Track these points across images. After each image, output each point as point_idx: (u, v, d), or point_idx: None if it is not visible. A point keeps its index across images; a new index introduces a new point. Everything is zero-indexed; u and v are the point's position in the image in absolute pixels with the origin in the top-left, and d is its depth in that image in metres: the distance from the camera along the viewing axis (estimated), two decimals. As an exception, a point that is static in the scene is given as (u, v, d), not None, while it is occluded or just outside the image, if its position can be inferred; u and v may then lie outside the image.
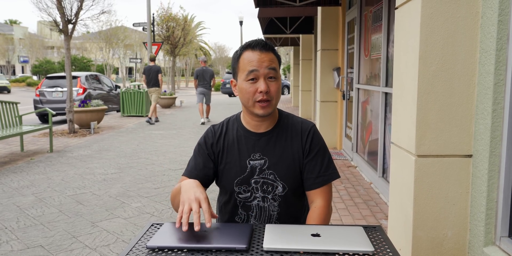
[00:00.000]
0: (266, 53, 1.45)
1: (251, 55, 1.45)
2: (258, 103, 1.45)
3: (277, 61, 1.48)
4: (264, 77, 1.43)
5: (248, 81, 1.44)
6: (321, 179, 1.52)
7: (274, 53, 1.48)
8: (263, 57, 1.44)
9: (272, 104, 1.46)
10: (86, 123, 9.37)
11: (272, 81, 1.45)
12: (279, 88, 1.47)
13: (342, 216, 3.61)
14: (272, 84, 1.45)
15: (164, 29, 18.29)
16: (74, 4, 8.17)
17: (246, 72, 1.44)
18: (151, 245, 1.21)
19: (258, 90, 1.43)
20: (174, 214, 3.75)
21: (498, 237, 1.97)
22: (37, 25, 52.21)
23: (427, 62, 2.09)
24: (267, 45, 1.47)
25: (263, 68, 1.43)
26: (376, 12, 4.65)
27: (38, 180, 5.00)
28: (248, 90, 1.44)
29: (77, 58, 36.94)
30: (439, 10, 2.06)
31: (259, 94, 1.43)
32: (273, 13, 9.37)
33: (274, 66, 1.45)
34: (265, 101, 1.44)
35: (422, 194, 2.16)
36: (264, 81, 1.43)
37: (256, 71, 1.43)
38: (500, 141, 1.93)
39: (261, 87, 1.42)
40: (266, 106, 1.45)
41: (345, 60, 6.40)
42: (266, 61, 1.44)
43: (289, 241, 1.22)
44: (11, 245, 3.10)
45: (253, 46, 1.46)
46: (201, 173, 1.55)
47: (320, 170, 1.52)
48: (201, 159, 1.57)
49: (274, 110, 1.52)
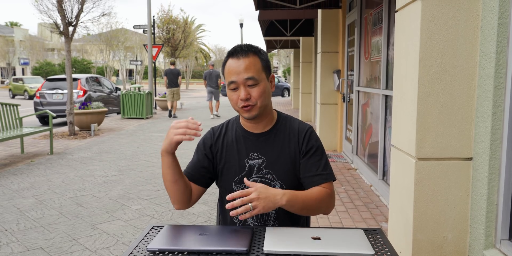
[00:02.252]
0: (244, 59, 1.48)
1: (231, 64, 1.50)
2: (241, 108, 1.50)
3: (258, 65, 1.50)
4: (244, 85, 1.48)
5: (230, 90, 1.51)
6: (319, 177, 1.52)
7: (257, 55, 1.51)
8: (240, 65, 1.48)
9: (256, 107, 1.50)
10: (86, 125, 9.38)
11: (253, 87, 1.49)
12: (263, 91, 1.50)
13: (342, 219, 3.60)
14: (253, 90, 1.49)
15: (165, 32, 18.33)
16: (74, 6, 8.19)
17: (228, 82, 1.51)
18: (151, 248, 1.21)
19: (239, 98, 1.48)
20: (174, 216, 3.75)
21: (498, 240, 1.97)
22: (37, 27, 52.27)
23: (427, 65, 2.10)
24: (245, 50, 1.50)
25: (241, 78, 1.48)
26: (376, 15, 4.66)
27: (38, 182, 5.00)
28: (231, 97, 1.52)
29: (78, 60, 36.96)
30: (439, 13, 2.06)
31: (241, 101, 1.49)
32: (273, 16, 9.38)
33: (251, 74, 1.47)
34: (248, 106, 1.49)
35: (422, 197, 2.16)
36: (244, 89, 1.48)
37: (234, 82, 1.48)
38: (500, 144, 1.94)
39: (241, 95, 1.48)
40: (249, 109, 1.50)
41: (345, 62, 6.41)
42: (243, 70, 1.47)
43: (289, 244, 1.22)
44: (11, 247, 3.10)
45: (232, 54, 1.51)
46: (197, 173, 1.59)
47: (318, 169, 1.53)
48: (198, 159, 1.61)
49: (263, 112, 1.54)
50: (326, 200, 1.49)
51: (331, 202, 1.53)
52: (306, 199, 1.43)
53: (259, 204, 1.30)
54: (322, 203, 1.49)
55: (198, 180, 1.58)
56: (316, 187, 1.51)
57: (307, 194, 1.45)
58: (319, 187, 1.51)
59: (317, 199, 1.46)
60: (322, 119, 6.92)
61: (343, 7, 6.38)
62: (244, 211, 1.29)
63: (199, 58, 50.15)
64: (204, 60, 52.65)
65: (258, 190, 1.32)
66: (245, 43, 1.58)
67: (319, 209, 1.50)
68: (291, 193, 1.39)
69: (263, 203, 1.31)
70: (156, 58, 16.01)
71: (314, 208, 1.47)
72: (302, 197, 1.42)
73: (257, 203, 1.30)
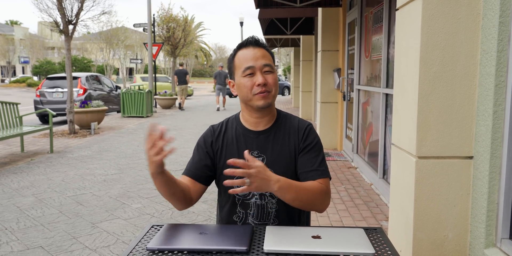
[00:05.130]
0: (258, 49, 1.52)
1: (245, 53, 1.52)
2: (257, 94, 1.49)
3: (270, 57, 1.54)
4: (260, 71, 1.49)
5: (246, 77, 1.50)
6: (314, 172, 1.51)
7: (267, 49, 1.55)
8: (256, 53, 1.51)
9: (271, 95, 1.51)
10: (86, 123, 9.37)
11: (268, 74, 1.50)
12: (277, 80, 1.53)
13: (342, 217, 3.60)
14: (269, 76, 1.50)
15: (165, 30, 18.28)
16: (74, 5, 8.18)
17: (242, 69, 1.50)
18: (151, 247, 1.21)
19: (256, 83, 1.48)
20: (174, 215, 3.75)
21: (499, 239, 1.97)
22: (37, 25, 52.26)
23: (427, 64, 2.09)
24: (258, 42, 1.54)
25: (259, 64, 1.49)
26: (377, 13, 4.65)
27: (38, 180, 5.00)
28: (246, 84, 1.49)
29: (78, 58, 36.95)
30: (440, 11, 2.06)
31: (258, 87, 1.48)
32: (273, 14, 9.37)
33: (268, 62, 1.51)
34: (265, 92, 1.49)
35: (423, 196, 2.15)
36: (261, 74, 1.49)
37: (252, 67, 1.49)
38: (501, 142, 1.93)
39: (258, 80, 1.47)
40: (265, 96, 1.49)
41: (346, 61, 6.40)
42: (260, 56, 1.50)
43: (289, 243, 1.21)
44: (11, 246, 3.09)
45: (245, 45, 1.54)
46: (199, 171, 1.58)
47: (314, 165, 1.52)
48: (199, 158, 1.60)
49: (273, 104, 1.55)
50: (320, 195, 1.46)
51: (326, 198, 1.50)
52: (300, 189, 1.41)
53: (255, 182, 1.28)
54: (316, 197, 1.45)
55: (200, 179, 1.57)
56: (311, 181, 1.50)
57: (302, 185, 1.44)
58: (314, 181, 1.50)
59: (311, 191, 1.44)
60: (323, 118, 6.91)
61: (343, 5, 6.37)
62: (240, 183, 1.27)
63: (199, 57, 50.11)
64: (204, 59, 52.63)
65: (258, 168, 1.29)
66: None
67: (312, 203, 1.46)
68: (285, 181, 1.37)
69: (259, 182, 1.29)
70: (156, 56, 16.00)
71: (307, 200, 1.43)
72: (296, 188, 1.40)
73: (253, 180, 1.28)
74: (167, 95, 15.76)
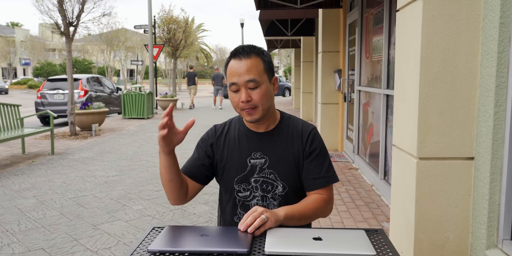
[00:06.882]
0: (246, 61, 1.46)
1: (233, 65, 1.48)
2: (243, 111, 1.49)
3: (260, 66, 1.48)
4: (245, 87, 1.46)
5: (232, 92, 1.49)
6: (321, 180, 1.52)
7: (259, 56, 1.49)
8: (242, 66, 1.46)
9: (259, 110, 1.48)
10: (87, 125, 9.38)
11: (253, 89, 1.46)
12: (264, 94, 1.47)
13: (343, 219, 3.60)
14: (254, 92, 1.46)
15: (165, 31, 18.31)
16: (75, 6, 8.19)
17: (229, 84, 1.49)
18: (152, 249, 1.21)
19: (240, 100, 1.47)
20: (175, 216, 3.75)
21: (500, 240, 1.96)
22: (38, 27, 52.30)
23: (428, 65, 2.09)
24: (247, 51, 1.48)
25: (242, 80, 1.45)
26: (377, 14, 4.65)
27: (39, 182, 5.00)
28: (233, 99, 1.50)
29: (79, 60, 36.97)
30: (441, 12, 2.06)
31: (242, 104, 1.47)
32: (274, 15, 9.38)
33: (252, 77, 1.45)
34: (249, 108, 1.47)
35: (424, 197, 2.15)
36: (245, 91, 1.46)
37: (235, 84, 1.47)
38: (502, 143, 1.93)
39: (242, 98, 1.46)
40: (251, 112, 1.48)
41: (346, 62, 6.40)
42: (245, 71, 1.45)
43: (290, 244, 1.21)
44: (12, 248, 3.10)
45: (234, 54, 1.49)
46: (196, 170, 1.59)
47: (321, 172, 1.53)
48: (198, 156, 1.61)
49: (266, 114, 1.52)
50: (323, 208, 1.52)
51: (328, 208, 1.55)
52: (303, 211, 1.46)
53: (270, 216, 1.34)
54: (319, 211, 1.51)
55: (196, 177, 1.58)
56: (313, 195, 1.52)
57: (303, 206, 1.47)
58: (316, 194, 1.52)
59: (314, 209, 1.49)
60: (323, 119, 6.91)
61: (344, 6, 6.38)
62: (260, 223, 1.31)
63: (200, 58, 50.12)
64: (205, 60, 52.63)
65: (259, 208, 1.35)
66: (248, 44, 1.56)
67: (316, 217, 1.53)
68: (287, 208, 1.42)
69: (272, 215, 1.35)
70: (157, 58, 16.02)
71: (311, 217, 1.50)
72: (299, 211, 1.44)
73: (268, 214, 1.33)
74: (168, 96, 15.78)
